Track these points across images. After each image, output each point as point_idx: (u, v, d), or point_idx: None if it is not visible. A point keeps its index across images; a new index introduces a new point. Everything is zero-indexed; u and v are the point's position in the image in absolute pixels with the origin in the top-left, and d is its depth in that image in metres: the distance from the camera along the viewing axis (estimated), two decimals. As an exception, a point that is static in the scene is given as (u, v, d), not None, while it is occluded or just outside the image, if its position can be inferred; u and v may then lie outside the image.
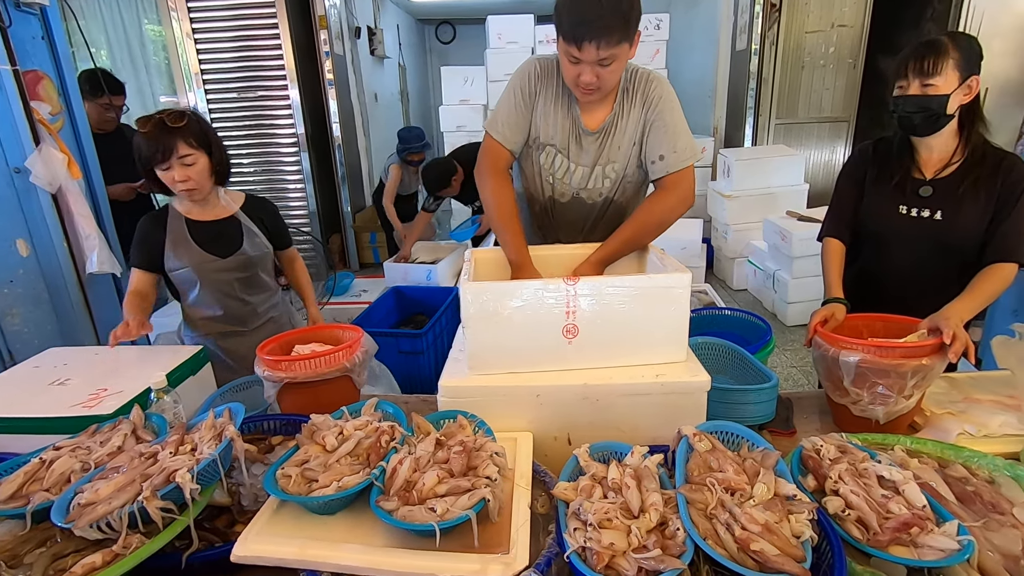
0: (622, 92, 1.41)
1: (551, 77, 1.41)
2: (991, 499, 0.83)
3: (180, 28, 4.54)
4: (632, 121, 1.41)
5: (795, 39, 4.71)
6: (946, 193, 1.36)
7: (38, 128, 1.96)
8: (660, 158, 1.38)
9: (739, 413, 1.10)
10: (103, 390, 1.20)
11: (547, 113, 1.42)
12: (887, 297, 1.44)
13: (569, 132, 1.43)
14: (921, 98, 1.28)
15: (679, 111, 1.40)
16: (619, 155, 1.44)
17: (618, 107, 1.41)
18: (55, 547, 0.80)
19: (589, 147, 1.44)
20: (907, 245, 1.41)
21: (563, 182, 1.49)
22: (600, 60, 1.22)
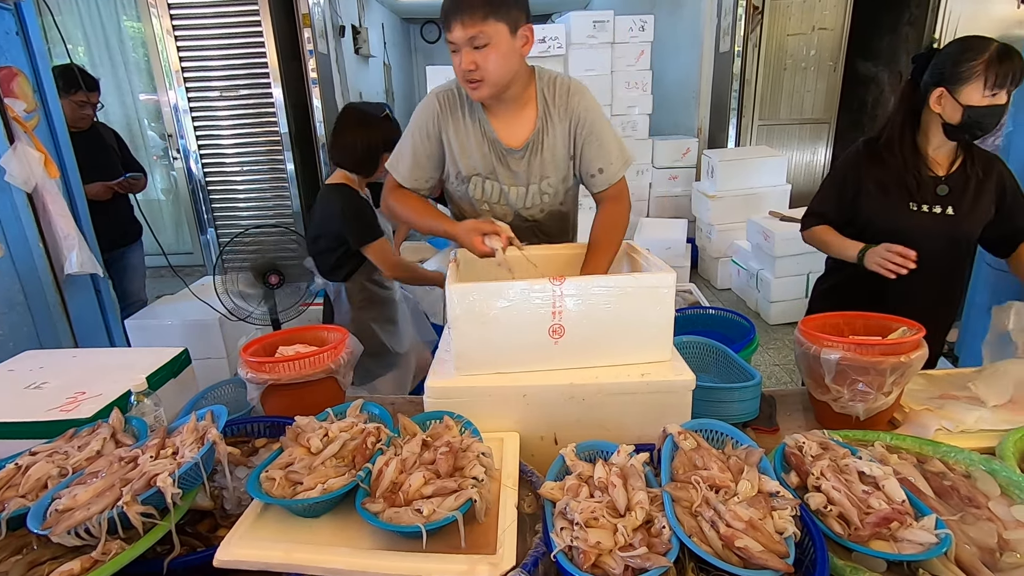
0: (543, 103, 1.38)
1: (457, 107, 1.38)
2: (968, 493, 0.85)
3: (160, 24, 4.46)
4: (560, 135, 1.39)
5: (777, 41, 4.77)
6: (959, 190, 1.42)
7: (12, 126, 1.91)
8: (599, 171, 1.40)
9: (723, 411, 1.11)
10: (81, 393, 1.17)
11: (462, 145, 1.38)
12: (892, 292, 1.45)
13: (490, 155, 1.39)
14: (999, 108, 1.32)
15: (606, 121, 1.42)
16: (552, 170, 1.41)
17: (541, 121, 1.37)
18: (31, 554, 0.78)
19: (517, 166, 1.40)
20: (920, 240, 1.41)
21: (500, 205, 1.46)
22: (471, 40, 1.20)
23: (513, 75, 1.29)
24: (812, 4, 4.66)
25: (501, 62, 1.24)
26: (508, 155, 1.39)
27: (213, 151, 4.83)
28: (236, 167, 4.88)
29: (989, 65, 1.30)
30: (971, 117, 1.34)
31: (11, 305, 1.99)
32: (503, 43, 1.22)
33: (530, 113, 1.38)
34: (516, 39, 1.25)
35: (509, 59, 1.25)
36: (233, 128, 4.76)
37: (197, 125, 4.74)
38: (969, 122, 1.36)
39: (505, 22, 1.21)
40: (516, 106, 1.37)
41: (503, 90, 1.31)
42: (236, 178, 4.91)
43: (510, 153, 1.38)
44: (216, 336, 2.57)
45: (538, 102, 1.37)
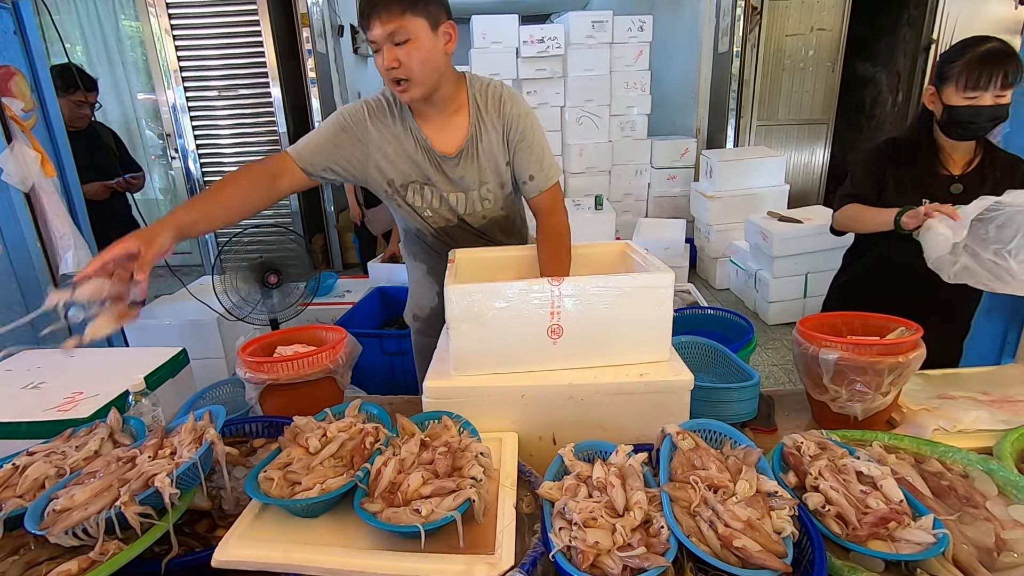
0: (475, 109, 1.36)
1: (385, 115, 1.35)
2: (965, 493, 0.86)
3: (158, 24, 4.46)
4: (495, 140, 1.37)
5: (776, 42, 4.78)
6: (973, 189, 1.40)
7: (10, 125, 1.91)
8: (531, 178, 1.39)
9: (722, 411, 1.11)
10: (79, 393, 1.17)
11: (393, 152, 1.36)
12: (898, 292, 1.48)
13: (425, 161, 1.37)
14: (994, 108, 1.31)
15: (539, 128, 1.39)
16: (490, 175, 1.40)
17: (474, 128, 1.36)
18: (28, 555, 0.77)
19: (452, 172, 1.38)
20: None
21: (441, 211, 1.43)
22: (391, 36, 1.18)
23: (439, 74, 1.27)
24: (811, 5, 4.67)
25: (424, 58, 1.22)
26: (443, 162, 1.37)
27: (211, 151, 4.83)
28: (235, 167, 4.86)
29: (968, 65, 1.30)
30: (951, 117, 1.36)
31: (8, 304, 1.99)
32: (424, 39, 1.21)
33: (462, 119, 1.36)
34: (438, 36, 1.24)
35: (432, 56, 1.23)
36: (231, 128, 4.76)
37: (195, 124, 4.73)
38: (951, 121, 1.37)
39: (424, 17, 1.19)
40: (447, 111, 1.35)
41: (431, 90, 1.28)
42: (235, 178, 4.91)
43: (445, 160, 1.37)
44: (214, 336, 2.56)
45: (470, 108, 1.36)
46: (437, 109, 1.34)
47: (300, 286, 2.18)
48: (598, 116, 4.81)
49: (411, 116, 1.35)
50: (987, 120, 1.34)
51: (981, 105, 1.31)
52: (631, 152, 4.99)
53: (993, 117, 1.33)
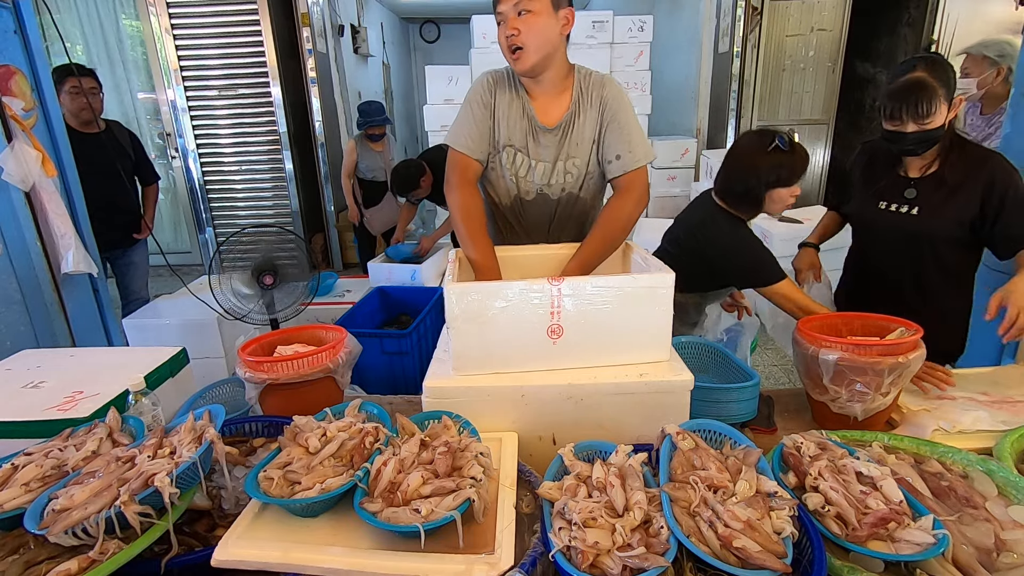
0: (578, 91, 1.47)
1: (504, 84, 1.49)
2: (965, 493, 0.86)
3: (159, 23, 4.45)
4: (590, 120, 1.47)
5: (776, 42, 4.77)
6: (927, 192, 1.48)
7: (10, 124, 1.91)
8: (617, 157, 1.45)
9: (722, 411, 1.11)
10: (79, 392, 1.17)
11: (505, 116, 1.48)
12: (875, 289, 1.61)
13: (527, 131, 1.49)
14: (919, 134, 1.37)
15: (633, 113, 1.48)
16: (579, 151, 1.49)
17: (575, 105, 1.47)
18: (28, 554, 0.78)
19: (548, 143, 1.49)
20: (883, 234, 1.55)
21: (526, 180, 1.54)
22: (516, 7, 1.31)
23: (553, 49, 1.38)
24: (811, 5, 4.67)
25: (542, 30, 1.34)
26: (541, 132, 1.48)
27: (211, 150, 4.83)
28: (234, 166, 4.88)
29: (889, 96, 1.38)
30: (885, 137, 1.44)
31: (8, 304, 1.99)
32: (545, 15, 1.33)
33: (566, 99, 1.48)
34: (558, 17, 1.36)
35: (549, 31, 1.35)
36: (232, 127, 4.76)
37: (195, 124, 4.73)
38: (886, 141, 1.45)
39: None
40: (554, 91, 1.47)
41: (544, 65, 1.39)
42: (234, 177, 4.91)
43: (543, 131, 1.48)
44: (214, 335, 2.56)
45: (574, 91, 1.48)
46: (545, 88, 1.46)
47: (300, 286, 2.18)
48: (598, 116, 4.80)
49: (524, 91, 1.49)
50: (914, 143, 1.40)
51: (905, 132, 1.38)
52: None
53: (920, 141, 1.38)
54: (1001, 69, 2.58)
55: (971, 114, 2.84)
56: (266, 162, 4.85)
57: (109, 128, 2.88)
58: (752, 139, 1.54)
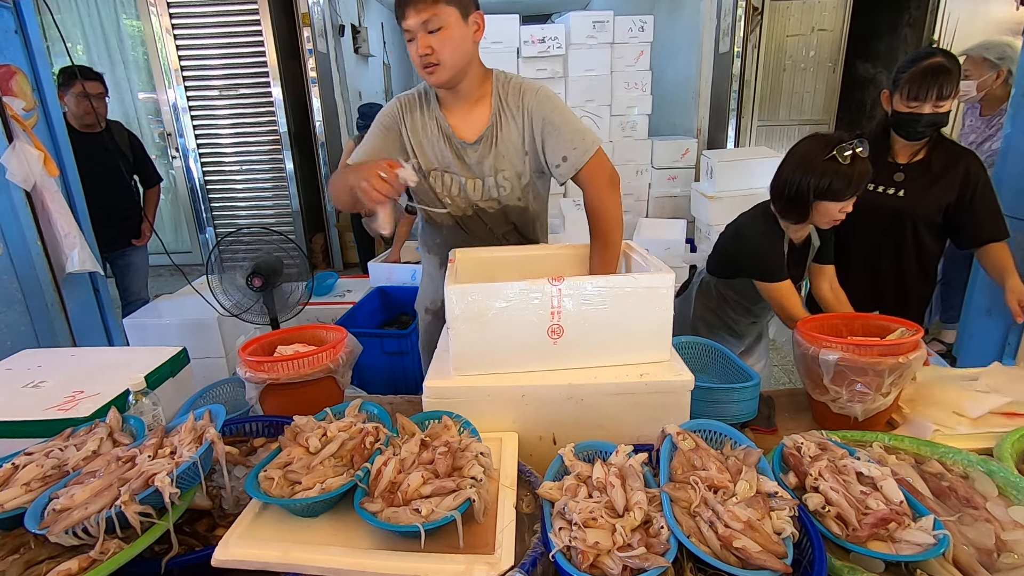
0: (497, 101, 1.41)
1: (414, 106, 1.45)
2: (965, 494, 0.85)
3: (159, 23, 4.46)
4: (514, 131, 1.42)
5: (776, 42, 4.78)
6: (914, 177, 1.62)
7: (11, 124, 1.91)
8: (564, 160, 1.39)
9: (722, 412, 1.11)
10: (79, 392, 1.17)
11: (421, 141, 1.44)
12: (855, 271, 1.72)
13: (447, 149, 1.43)
14: (933, 116, 1.52)
15: (563, 109, 1.40)
16: (506, 164, 1.43)
17: (495, 116, 1.41)
18: (28, 554, 0.78)
19: (471, 158, 1.44)
20: (870, 214, 1.65)
21: (460, 198, 1.48)
22: (424, 24, 1.25)
23: (467, 61, 1.34)
24: (811, 5, 4.67)
25: (455, 45, 1.29)
26: (463, 148, 1.43)
27: (212, 150, 4.83)
28: (235, 166, 4.88)
29: (911, 79, 1.51)
30: (896, 120, 1.59)
31: (9, 303, 1.99)
32: (455, 27, 1.28)
33: (484, 109, 1.42)
34: (468, 25, 1.31)
35: (462, 43, 1.30)
36: (232, 127, 4.76)
37: (196, 124, 4.74)
38: (896, 124, 1.60)
39: (455, 7, 1.27)
40: (471, 101, 1.42)
41: (459, 77, 1.35)
42: (235, 177, 4.91)
43: (465, 146, 1.43)
44: (215, 335, 2.56)
45: (493, 100, 1.42)
46: (461, 99, 1.41)
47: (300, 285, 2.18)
48: (599, 116, 4.80)
49: (437, 107, 1.43)
50: (925, 126, 1.55)
51: (921, 113, 1.53)
52: (631, 152, 4.98)
53: (931, 123, 1.54)
54: (1001, 71, 2.58)
55: (971, 115, 2.84)
56: (267, 162, 4.85)
57: (109, 129, 2.89)
58: (816, 142, 1.45)
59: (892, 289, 1.71)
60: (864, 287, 1.62)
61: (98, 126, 2.74)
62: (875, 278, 1.73)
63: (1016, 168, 1.98)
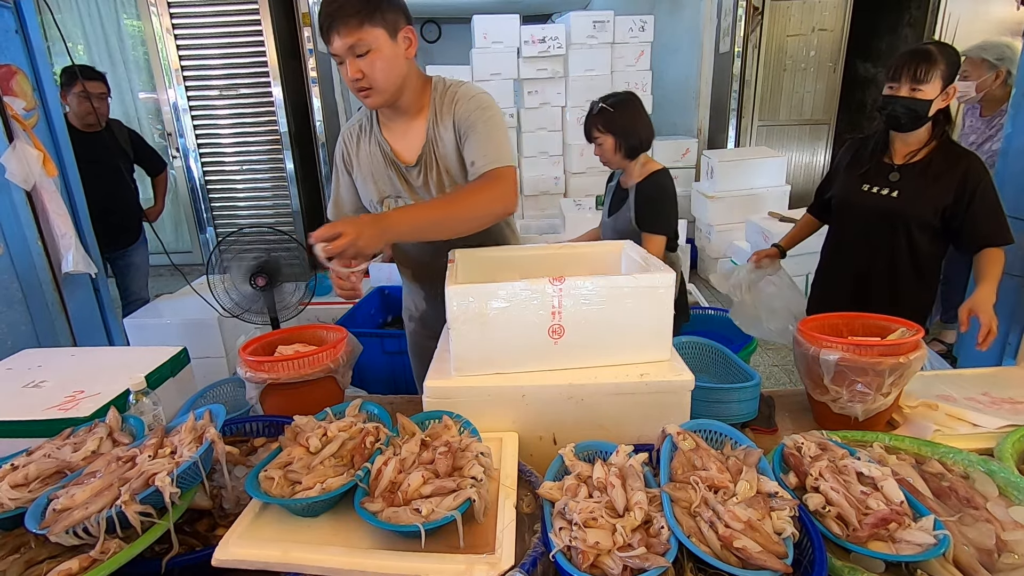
0: (433, 113, 1.35)
1: (357, 136, 1.42)
2: (966, 494, 0.85)
3: (160, 23, 4.45)
4: (449, 144, 1.35)
5: (777, 42, 4.77)
6: (910, 177, 1.58)
7: (11, 124, 1.91)
8: (472, 164, 1.32)
9: (722, 412, 1.11)
10: (80, 392, 1.17)
11: (368, 172, 1.40)
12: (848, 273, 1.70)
13: (394, 175, 1.39)
14: (909, 100, 1.48)
15: (494, 121, 1.33)
16: (448, 181, 1.39)
17: (430, 132, 1.35)
18: (29, 553, 0.78)
19: (415, 181, 1.39)
20: (863, 220, 1.65)
21: None
22: (351, 49, 1.19)
23: (402, 79, 1.28)
24: (812, 5, 4.67)
25: (386, 66, 1.24)
26: (407, 172, 1.39)
27: (212, 150, 4.83)
28: (235, 166, 4.88)
29: (893, 61, 1.50)
30: (879, 107, 1.56)
31: (9, 303, 1.99)
32: (385, 47, 1.22)
33: (421, 124, 1.36)
34: (398, 43, 1.25)
35: (394, 63, 1.25)
36: (233, 127, 4.76)
37: (196, 124, 4.73)
38: (879, 110, 1.56)
39: (382, 27, 1.21)
40: (408, 117, 1.36)
41: (395, 96, 1.29)
42: (235, 177, 4.91)
43: (407, 170, 1.38)
44: (215, 335, 2.57)
45: (429, 113, 1.36)
46: (400, 114, 1.36)
47: (301, 285, 2.18)
48: (599, 116, 4.80)
49: (378, 131, 1.39)
50: (902, 109, 1.50)
51: (897, 95, 1.49)
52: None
53: (909, 107, 1.49)
54: (1000, 72, 2.58)
55: (971, 116, 2.84)
56: (267, 162, 4.84)
57: (109, 127, 2.89)
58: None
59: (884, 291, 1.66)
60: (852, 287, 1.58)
61: (99, 126, 2.75)
62: (866, 279, 1.67)
63: (1016, 168, 1.98)
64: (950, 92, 1.47)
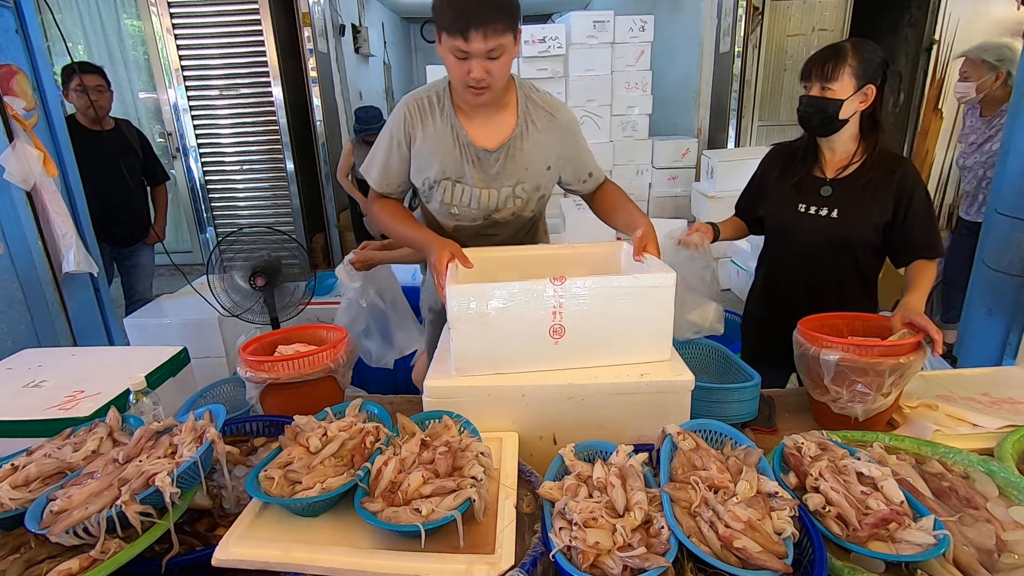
0: (524, 111, 1.38)
1: (425, 113, 1.38)
2: (966, 494, 0.85)
3: (160, 23, 4.45)
4: (542, 144, 1.40)
5: (777, 42, 4.77)
6: (844, 192, 1.44)
7: (12, 124, 1.91)
8: (589, 175, 1.50)
9: (722, 411, 1.11)
10: (80, 392, 1.17)
11: (432, 149, 1.38)
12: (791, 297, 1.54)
13: (462, 158, 1.38)
14: (819, 100, 1.37)
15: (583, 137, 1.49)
16: (528, 176, 1.41)
17: (521, 127, 1.38)
18: (28, 553, 0.78)
19: (489, 167, 1.39)
20: (804, 242, 1.49)
21: (469, 209, 1.44)
22: (488, 52, 1.20)
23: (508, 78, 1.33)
24: (812, 5, 4.67)
25: (506, 69, 1.27)
26: (482, 156, 1.39)
27: (212, 150, 4.83)
28: (235, 166, 4.88)
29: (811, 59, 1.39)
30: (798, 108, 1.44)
31: (10, 303, 1.99)
32: (510, 51, 1.25)
33: (508, 117, 1.39)
34: (517, 45, 1.28)
35: (510, 65, 1.29)
36: (233, 127, 4.76)
37: (196, 124, 4.73)
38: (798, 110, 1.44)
39: (512, 32, 1.23)
40: (494, 109, 1.38)
41: (501, 94, 1.34)
42: (235, 177, 4.91)
43: (484, 155, 1.38)
44: (215, 335, 2.57)
45: (519, 108, 1.39)
46: (485, 107, 1.36)
47: (301, 285, 2.18)
48: (599, 116, 4.80)
49: (453, 114, 1.37)
50: (811, 109, 1.38)
51: (809, 95, 1.38)
52: (632, 152, 4.98)
53: (819, 107, 1.37)
54: (1000, 73, 2.58)
55: (971, 116, 2.84)
56: (267, 162, 4.84)
57: (118, 126, 2.90)
58: None
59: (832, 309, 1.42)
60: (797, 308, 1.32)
61: (103, 121, 2.76)
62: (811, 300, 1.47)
63: (1016, 168, 1.98)
64: (868, 93, 1.35)
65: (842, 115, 1.36)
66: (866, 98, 1.35)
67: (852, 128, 1.41)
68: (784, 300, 1.56)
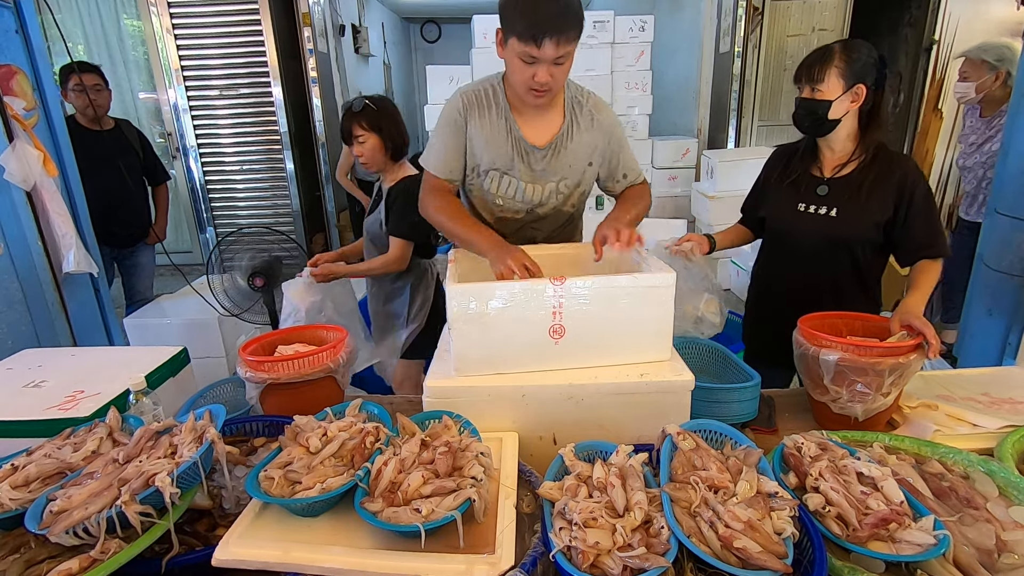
0: (570, 110, 1.45)
1: (482, 104, 1.43)
2: (966, 494, 0.85)
3: (160, 23, 4.45)
4: (584, 143, 1.46)
5: (777, 42, 4.77)
6: (841, 191, 1.44)
7: (12, 124, 1.91)
8: (624, 176, 1.54)
9: (722, 412, 1.11)
10: (80, 392, 1.17)
11: (486, 140, 1.43)
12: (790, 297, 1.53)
13: (513, 152, 1.44)
14: (809, 101, 1.38)
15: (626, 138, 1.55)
16: (571, 172, 1.48)
17: (567, 127, 1.44)
18: (28, 553, 0.78)
19: (537, 163, 1.46)
20: (803, 241, 1.49)
21: (514, 200, 1.50)
22: (559, 58, 1.25)
23: None
24: (812, 5, 4.67)
25: (567, 74, 1.34)
26: (531, 153, 1.45)
27: (212, 150, 4.83)
28: (235, 166, 4.87)
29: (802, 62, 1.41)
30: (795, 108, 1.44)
31: (10, 303, 1.99)
32: (574, 56, 1.30)
33: (556, 116, 1.45)
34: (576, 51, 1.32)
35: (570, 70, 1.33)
36: (232, 127, 4.76)
37: (196, 124, 4.73)
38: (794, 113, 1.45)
39: (579, 39, 1.28)
40: (544, 108, 1.43)
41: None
42: (235, 177, 4.91)
43: (533, 151, 1.44)
44: (215, 335, 2.57)
45: (566, 108, 1.45)
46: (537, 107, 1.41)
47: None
48: (599, 116, 4.80)
49: (508, 108, 1.44)
50: (803, 111, 1.40)
51: (801, 97, 1.40)
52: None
53: (809, 109, 1.38)
54: (1000, 73, 2.58)
55: (971, 116, 2.84)
56: (267, 162, 4.84)
57: (118, 126, 2.90)
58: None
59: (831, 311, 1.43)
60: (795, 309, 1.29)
61: (103, 121, 2.76)
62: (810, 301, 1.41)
63: (1016, 168, 1.98)
64: (858, 92, 1.34)
65: (832, 115, 1.37)
66: (857, 98, 1.35)
67: (849, 127, 1.41)
68: (782, 299, 1.56)
